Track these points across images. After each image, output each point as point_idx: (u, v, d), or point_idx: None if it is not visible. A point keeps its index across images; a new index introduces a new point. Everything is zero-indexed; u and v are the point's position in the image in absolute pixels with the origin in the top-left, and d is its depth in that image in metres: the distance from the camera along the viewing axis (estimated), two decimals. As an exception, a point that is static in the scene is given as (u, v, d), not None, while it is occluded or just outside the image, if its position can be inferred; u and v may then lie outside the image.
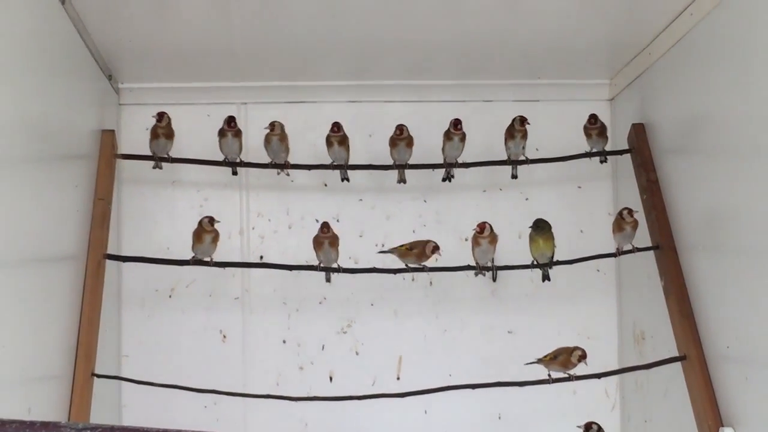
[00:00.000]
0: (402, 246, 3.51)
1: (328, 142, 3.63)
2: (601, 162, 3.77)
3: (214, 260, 3.44)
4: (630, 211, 3.41)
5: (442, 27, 3.36)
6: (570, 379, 3.29)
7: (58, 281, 2.98)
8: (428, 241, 3.46)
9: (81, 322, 3.15)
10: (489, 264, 3.50)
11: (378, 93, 3.98)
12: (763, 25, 2.64)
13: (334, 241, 3.48)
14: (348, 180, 3.72)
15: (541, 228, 3.48)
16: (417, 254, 3.46)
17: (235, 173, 3.75)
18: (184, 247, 3.55)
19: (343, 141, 3.63)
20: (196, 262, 3.44)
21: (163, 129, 3.59)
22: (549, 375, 3.30)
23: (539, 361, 3.33)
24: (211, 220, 3.42)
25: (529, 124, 3.63)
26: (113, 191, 3.53)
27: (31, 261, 2.66)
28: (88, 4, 3.08)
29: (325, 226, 3.46)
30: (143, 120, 3.73)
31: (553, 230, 3.48)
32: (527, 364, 3.34)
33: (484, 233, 3.45)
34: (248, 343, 3.94)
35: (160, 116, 3.58)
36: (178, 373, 3.58)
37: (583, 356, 3.26)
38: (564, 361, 3.28)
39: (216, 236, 3.43)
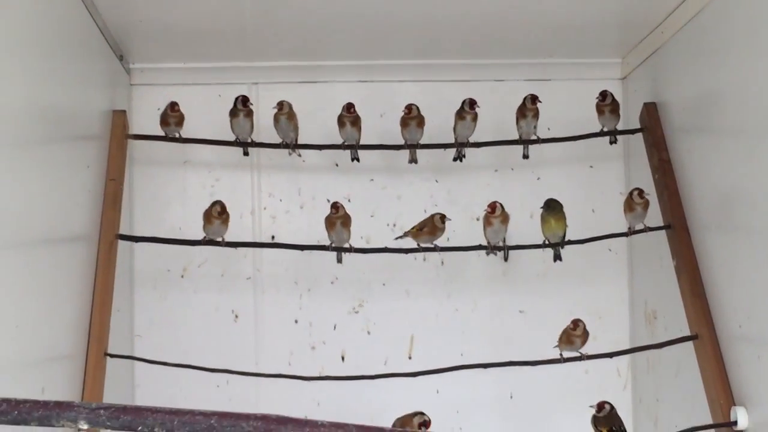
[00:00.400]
0: (413, 228, 3.51)
1: (340, 122, 3.62)
2: (611, 143, 3.76)
3: (225, 240, 3.44)
4: (641, 192, 3.40)
5: (453, 5, 3.35)
6: (582, 358, 3.29)
7: (70, 262, 2.99)
8: (434, 215, 3.47)
9: (93, 302, 3.16)
10: (500, 243, 3.49)
11: (389, 72, 3.97)
12: (777, 3, 2.63)
13: (346, 221, 3.47)
14: (358, 160, 3.71)
15: (552, 208, 3.47)
16: (429, 231, 3.46)
17: (246, 153, 3.75)
18: (196, 228, 3.55)
19: (356, 121, 3.62)
20: (207, 242, 3.44)
21: (174, 118, 3.60)
22: (561, 355, 3.30)
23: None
24: (222, 209, 3.40)
25: (540, 102, 3.62)
26: (125, 172, 3.53)
27: (44, 242, 2.67)
28: (99, -16, 3.09)
29: (334, 206, 3.46)
30: (155, 100, 3.74)
31: (564, 210, 3.48)
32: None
33: (496, 213, 3.44)
34: (260, 323, 3.95)
35: (173, 107, 3.58)
36: (191, 353, 3.59)
37: (576, 322, 3.26)
38: (567, 337, 3.28)
39: (226, 218, 3.43)
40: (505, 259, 3.90)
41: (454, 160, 3.74)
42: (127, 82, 3.87)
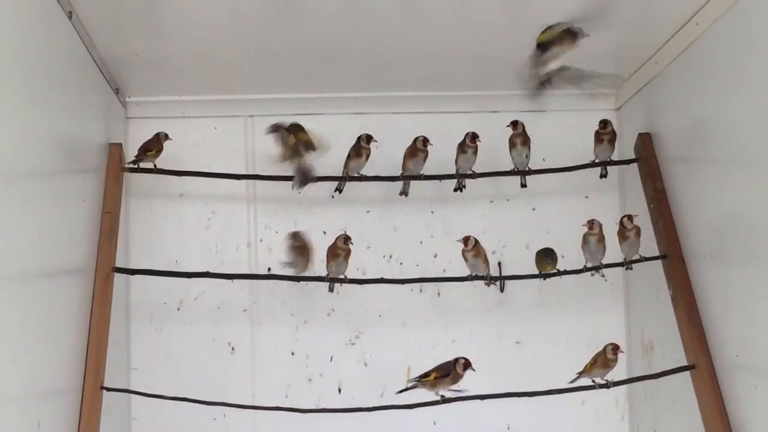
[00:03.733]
0: (430, 376, 3.31)
1: (357, 153, 3.63)
2: (602, 176, 3.76)
3: (220, 272, 3.45)
4: (630, 218, 3.42)
5: (451, 38, 3.37)
6: (577, 389, 3.29)
7: (66, 295, 2.98)
8: (456, 360, 3.30)
9: (90, 335, 3.15)
10: (483, 274, 3.49)
11: (386, 104, 3.98)
12: (769, 34, 2.65)
13: (348, 254, 3.49)
14: (340, 192, 3.72)
15: (545, 255, 3.50)
16: (452, 379, 3.29)
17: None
18: (192, 260, 3.55)
19: (369, 154, 3.64)
20: (203, 274, 3.44)
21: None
22: (593, 381, 3.30)
23: (580, 374, 3.32)
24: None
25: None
26: (121, 204, 3.54)
27: (40, 275, 2.67)
28: (95, 17, 3.09)
29: (348, 239, 3.46)
30: (150, 133, 3.74)
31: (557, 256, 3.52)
32: (572, 381, 3.33)
33: (468, 246, 3.46)
34: (256, 355, 3.94)
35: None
36: (187, 386, 3.57)
37: (616, 347, 3.27)
38: (603, 361, 3.27)
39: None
40: (501, 289, 3.91)
41: (455, 190, 3.74)
42: (123, 115, 3.88)
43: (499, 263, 3.93)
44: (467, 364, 3.28)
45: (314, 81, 3.84)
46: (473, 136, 3.62)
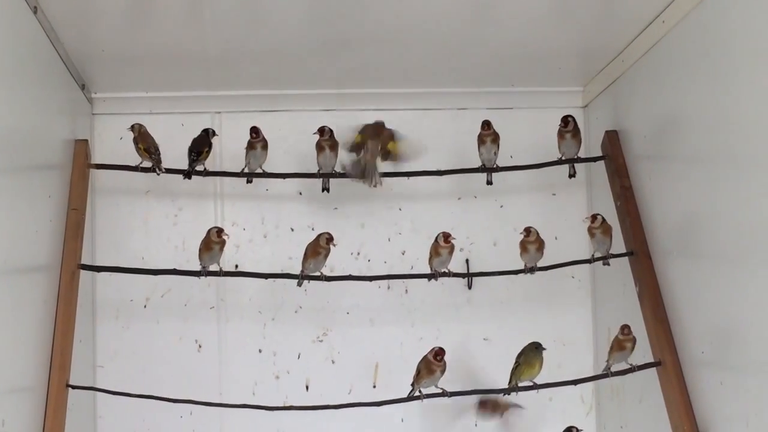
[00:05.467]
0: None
1: (319, 147, 3.61)
2: (570, 176, 3.76)
3: (187, 269, 3.43)
4: (593, 217, 3.43)
5: (415, 35, 3.37)
6: (543, 386, 3.31)
7: (31, 292, 2.96)
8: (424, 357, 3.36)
9: (55, 332, 3.12)
10: (446, 270, 3.49)
11: (352, 101, 3.97)
12: (734, 34, 2.66)
13: (328, 253, 3.47)
14: (328, 191, 3.70)
15: (537, 350, 3.41)
16: (426, 373, 3.31)
17: (249, 182, 3.72)
18: (159, 257, 3.53)
19: (334, 146, 3.61)
20: (170, 271, 3.43)
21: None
22: (609, 369, 3.31)
23: (607, 363, 3.33)
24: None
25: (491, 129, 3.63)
26: (87, 201, 3.51)
27: (4, 272, 2.64)
28: (61, 13, 3.07)
29: (331, 239, 3.45)
30: (117, 129, 3.72)
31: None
32: (604, 371, 3.34)
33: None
34: (224, 352, 3.93)
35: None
36: (154, 384, 3.56)
37: (624, 326, 3.26)
38: (617, 344, 3.27)
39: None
40: (469, 287, 3.92)
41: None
42: (89, 111, 3.85)
43: (467, 260, 3.94)
44: (436, 355, 3.31)
45: (281, 78, 3.83)
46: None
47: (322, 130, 3.60)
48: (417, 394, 3.31)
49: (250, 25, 3.24)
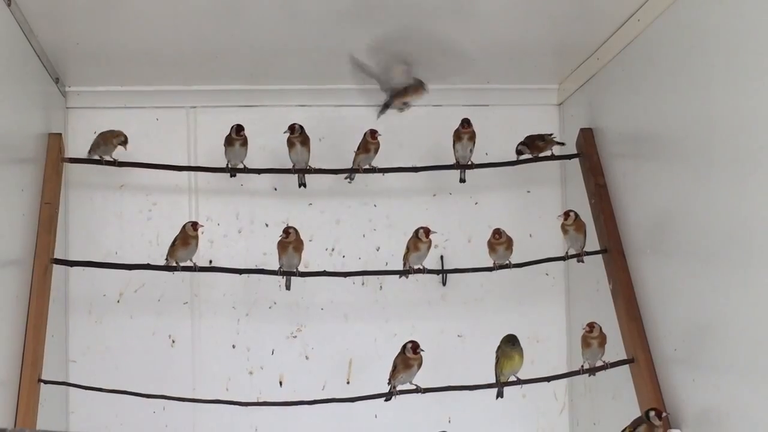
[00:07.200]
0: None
1: (290, 144, 3.60)
2: (461, 182, 3.74)
3: (161, 264, 3.42)
4: (566, 214, 3.43)
5: (391, 31, 3.36)
6: (518, 383, 3.31)
7: (3, 286, 2.94)
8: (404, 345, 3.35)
9: (27, 327, 3.11)
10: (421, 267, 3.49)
11: (328, 97, 3.97)
12: (709, 33, 2.68)
13: (298, 245, 3.43)
14: (305, 186, 3.70)
15: (515, 344, 3.37)
16: (403, 368, 3.32)
17: (233, 175, 3.71)
18: (133, 252, 3.52)
19: (305, 142, 3.60)
20: (143, 266, 3.41)
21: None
22: (582, 366, 3.30)
23: (586, 360, 3.32)
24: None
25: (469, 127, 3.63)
26: (60, 195, 3.49)
27: (-23, 266, 2.63)
28: (35, 6, 3.05)
29: (286, 231, 3.42)
30: (91, 124, 3.71)
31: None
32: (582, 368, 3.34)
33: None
34: (197, 348, 3.92)
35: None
36: (127, 379, 3.53)
37: (590, 324, 3.26)
38: (584, 340, 3.28)
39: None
40: (444, 283, 3.92)
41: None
42: (63, 105, 3.83)
43: (441, 257, 3.94)
44: (414, 347, 3.30)
45: (256, 73, 3.82)
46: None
47: (292, 128, 3.59)
48: (391, 391, 3.31)
49: (225, 20, 3.23)
